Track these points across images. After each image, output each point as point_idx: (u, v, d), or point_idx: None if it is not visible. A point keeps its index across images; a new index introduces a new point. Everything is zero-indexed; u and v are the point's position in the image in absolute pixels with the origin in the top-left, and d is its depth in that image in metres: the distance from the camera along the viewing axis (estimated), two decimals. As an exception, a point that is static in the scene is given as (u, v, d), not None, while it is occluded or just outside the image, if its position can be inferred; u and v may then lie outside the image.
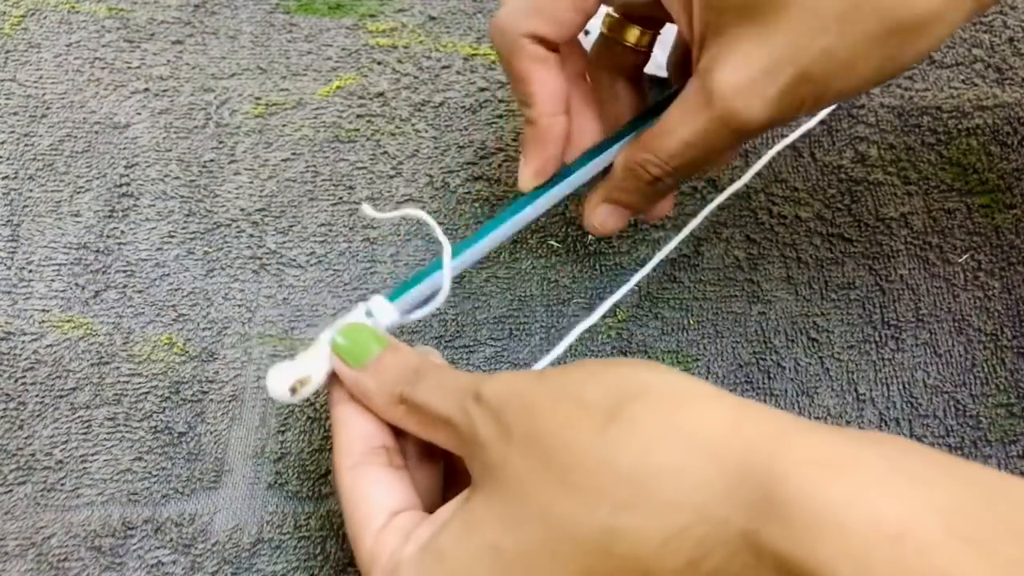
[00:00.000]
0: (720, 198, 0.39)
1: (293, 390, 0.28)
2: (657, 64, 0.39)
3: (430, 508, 0.28)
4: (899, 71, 0.26)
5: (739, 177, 0.40)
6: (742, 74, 0.25)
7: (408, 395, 0.26)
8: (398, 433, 0.28)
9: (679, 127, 0.28)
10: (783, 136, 0.41)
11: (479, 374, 0.26)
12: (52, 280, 0.38)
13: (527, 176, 0.32)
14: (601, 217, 0.32)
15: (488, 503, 0.23)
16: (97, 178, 0.40)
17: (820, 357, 0.37)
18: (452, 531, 0.23)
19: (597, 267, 0.39)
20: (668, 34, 0.34)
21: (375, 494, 0.26)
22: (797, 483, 0.18)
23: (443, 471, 0.30)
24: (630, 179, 0.30)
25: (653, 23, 0.32)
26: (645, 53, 0.33)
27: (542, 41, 0.30)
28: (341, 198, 0.40)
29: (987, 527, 0.17)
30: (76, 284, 0.38)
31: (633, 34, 0.32)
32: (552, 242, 0.39)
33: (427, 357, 0.28)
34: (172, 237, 0.39)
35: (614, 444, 0.21)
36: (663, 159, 0.29)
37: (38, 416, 0.35)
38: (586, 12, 0.30)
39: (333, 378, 0.29)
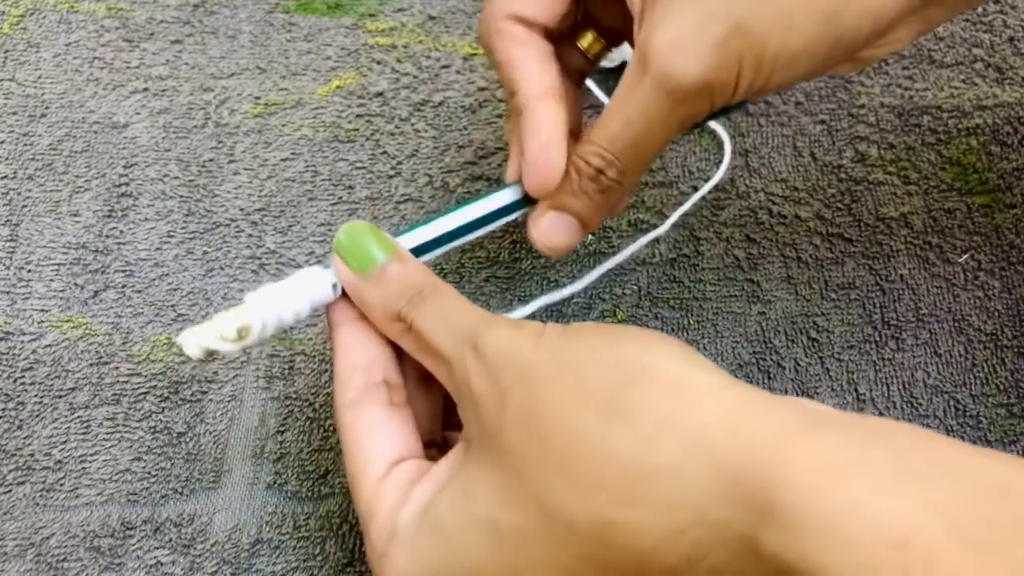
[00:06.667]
0: (709, 184, 0.39)
1: (237, 337, 0.26)
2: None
3: (429, 437, 0.27)
4: (844, 42, 0.25)
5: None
6: (674, 32, 0.25)
7: (407, 315, 0.25)
8: (400, 353, 0.27)
9: (618, 106, 0.26)
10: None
11: (482, 315, 0.25)
12: (51, 280, 0.38)
13: (513, 170, 0.30)
14: (544, 227, 0.28)
15: (485, 473, 0.23)
16: (96, 178, 0.40)
17: (820, 357, 0.37)
18: (449, 498, 0.23)
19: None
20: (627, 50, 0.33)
21: (375, 440, 0.25)
22: (798, 489, 0.18)
23: (443, 397, 0.29)
24: (572, 177, 0.28)
25: (612, 35, 0.31)
26: (592, 63, 0.32)
27: (526, 24, 0.28)
28: (340, 198, 0.40)
29: (996, 529, 0.16)
30: (75, 284, 0.38)
31: (587, 39, 0.31)
32: (552, 242, 0.39)
33: (433, 276, 0.27)
34: (171, 237, 0.39)
35: (613, 436, 0.21)
36: (604, 144, 0.27)
37: (37, 416, 0.35)
38: None
39: (339, 300, 0.27)
